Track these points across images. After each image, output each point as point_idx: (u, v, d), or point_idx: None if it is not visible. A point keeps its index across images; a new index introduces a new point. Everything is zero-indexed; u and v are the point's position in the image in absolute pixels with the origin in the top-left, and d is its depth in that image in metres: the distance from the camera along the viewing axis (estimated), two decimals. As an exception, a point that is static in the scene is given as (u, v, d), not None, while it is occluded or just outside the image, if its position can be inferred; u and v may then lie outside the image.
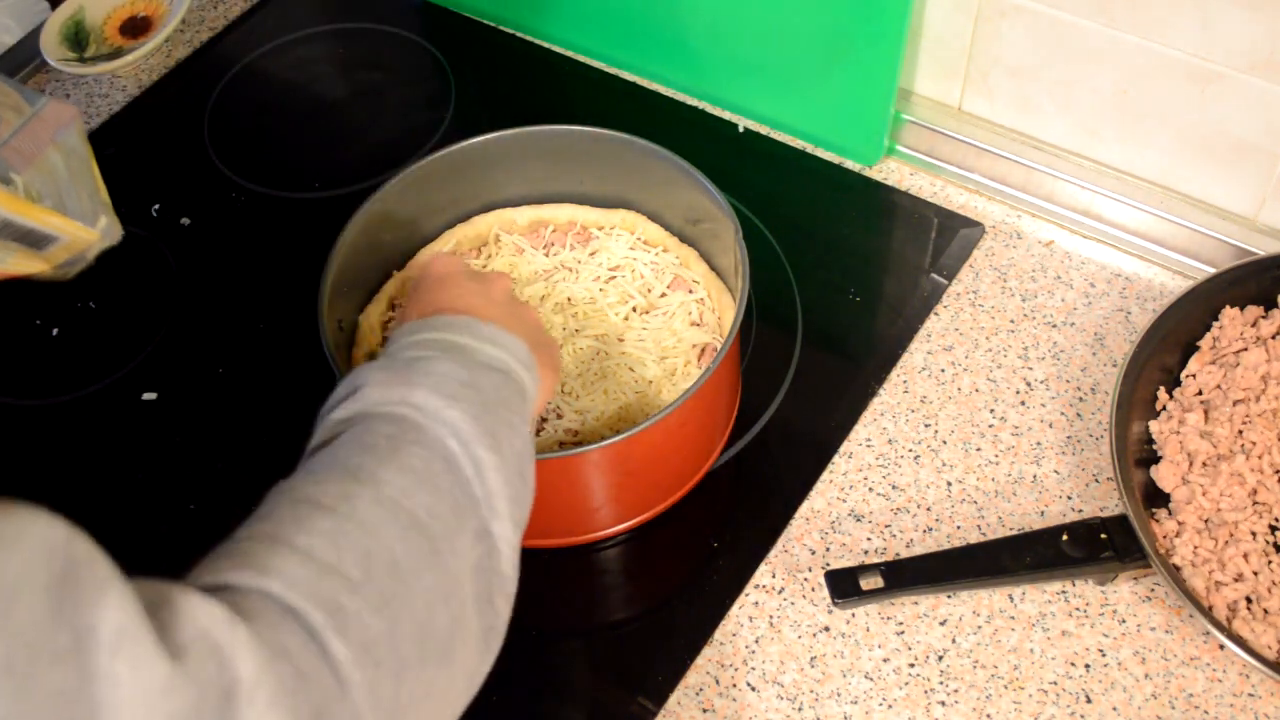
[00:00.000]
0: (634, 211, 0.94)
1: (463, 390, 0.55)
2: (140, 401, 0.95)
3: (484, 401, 0.55)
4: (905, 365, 0.93)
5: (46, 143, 0.63)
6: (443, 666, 0.48)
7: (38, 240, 0.62)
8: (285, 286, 1.01)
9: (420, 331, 0.60)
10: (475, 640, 0.51)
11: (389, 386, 0.55)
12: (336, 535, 0.47)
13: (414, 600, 0.47)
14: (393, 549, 0.48)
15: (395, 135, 1.14)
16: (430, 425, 0.53)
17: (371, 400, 0.55)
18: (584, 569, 0.86)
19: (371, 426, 0.53)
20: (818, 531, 0.84)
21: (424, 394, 0.54)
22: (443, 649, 0.48)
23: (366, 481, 0.50)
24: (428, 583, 0.48)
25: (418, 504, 0.50)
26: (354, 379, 0.57)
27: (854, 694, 0.77)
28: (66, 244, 0.64)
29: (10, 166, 0.61)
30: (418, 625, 0.47)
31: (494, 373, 0.58)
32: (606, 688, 0.80)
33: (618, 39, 1.14)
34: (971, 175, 1.03)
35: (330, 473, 0.51)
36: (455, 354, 0.58)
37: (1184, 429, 0.82)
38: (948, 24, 0.97)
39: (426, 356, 0.58)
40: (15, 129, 0.62)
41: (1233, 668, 0.77)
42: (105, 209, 0.67)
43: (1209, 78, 0.87)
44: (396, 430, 0.53)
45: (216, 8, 1.27)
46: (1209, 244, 0.95)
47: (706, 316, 0.89)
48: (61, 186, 0.64)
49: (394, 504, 0.50)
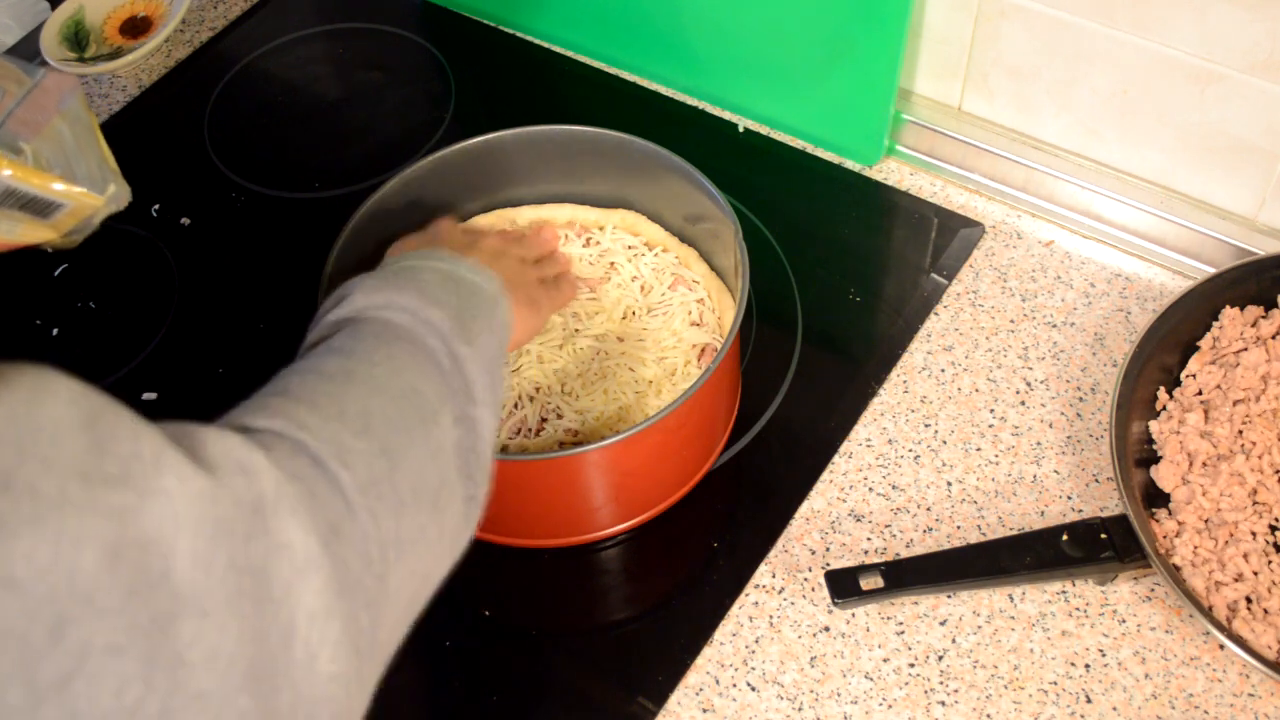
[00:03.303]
0: (634, 211, 0.94)
1: (443, 294, 0.62)
2: (140, 401, 0.95)
3: (460, 306, 0.62)
4: (905, 365, 0.93)
5: (52, 112, 0.64)
6: (434, 514, 0.53)
7: (44, 208, 0.63)
8: (285, 286, 1.01)
9: (407, 259, 0.67)
10: (459, 502, 0.56)
11: (377, 292, 0.61)
12: (339, 394, 0.53)
13: (409, 451, 0.53)
14: (387, 409, 0.54)
15: (395, 135, 1.14)
16: (414, 325, 0.59)
17: (359, 305, 0.61)
18: (584, 569, 0.86)
19: (360, 328, 0.60)
20: (818, 531, 0.84)
21: (408, 297, 0.60)
22: (434, 497, 0.53)
23: (362, 360, 0.57)
24: (418, 439, 0.54)
25: (406, 381, 0.56)
26: (344, 287, 0.63)
27: (854, 694, 0.77)
28: (72, 210, 0.64)
29: (18, 136, 0.61)
30: (413, 472, 0.52)
31: (467, 286, 0.65)
32: (606, 688, 0.80)
33: (618, 39, 1.14)
34: (971, 175, 1.03)
35: (329, 355, 0.58)
36: (435, 270, 0.65)
37: (1184, 429, 0.82)
38: (948, 24, 0.97)
39: (411, 268, 0.65)
40: (19, 99, 0.63)
41: (1233, 668, 0.77)
42: (114, 175, 0.68)
43: (1209, 78, 0.87)
44: (384, 330, 0.59)
45: (216, 8, 1.27)
46: (1209, 244, 0.95)
47: (706, 316, 0.89)
48: (69, 154, 0.64)
49: (386, 379, 0.56)
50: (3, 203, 0.60)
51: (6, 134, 0.61)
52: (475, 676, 0.81)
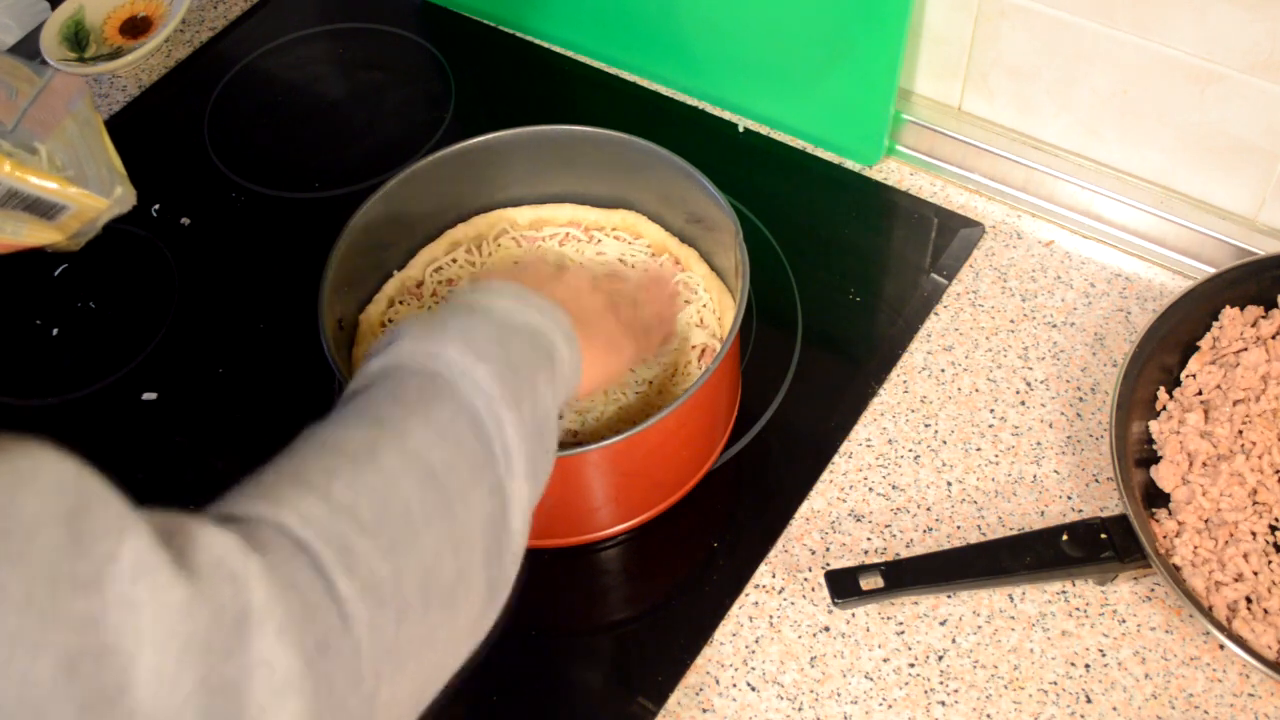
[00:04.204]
0: (634, 211, 0.94)
1: (493, 346, 0.57)
2: (140, 401, 0.95)
3: (510, 362, 0.58)
4: (905, 365, 0.93)
5: (62, 113, 0.64)
6: (446, 613, 0.50)
7: (48, 210, 0.63)
8: (285, 286, 1.01)
9: (468, 294, 0.63)
10: (480, 591, 0.53)
11: (424, 340, 0.57)
12: (355, 480, 0.49)
13: (422, 548, 0.49)
14: (408, 498, 0.50)
15: (395, 135, 1.14)
16: (458, 381, 0.55)
17: (406, 352, 0.57)
18: (584, 569, 0.86)
19: (403, 379, 0.56)
20: (818, 531, 0.84)
21: (455, 350, 0.56)
22: (447, 596, 0.50)
23: (392, 432, 0.52)
24: (438, 532, 0.50)
25: (437, 457, 0.52)
26: (394, 330, 0.59)
27: (854, 694, 0.77)
28: (78, 212, 0.64)
29: (33, 135, 0.62)
30: (424, 571, 0.49)
31: (524, 335, 0.60)
32: (606, 688, 0.80)
33: (618, 39, 1.14)
34: (971, 175, 1.03)
35: (360, 420, 0.54)
36: (489, 314, 0.60)
37: (1184, 429, 0.82)
38: (948, 24, 0.97)
39: (464, 314, 0.60)
40: (31, 98, 0.63)
41: (1233, 668, 0.77)
42: (120, 178, 0.68)
43: (1209, 78, 0.87)
44: (427, 384, 0.55)
45: (216, 8, 1.27)
46: (1209, 244, 0.95)
47: (706, 317, 0.89)
48: (80, 155, 0.65)
49: (415, 455, 0.52)
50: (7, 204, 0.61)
51: (23, 132, 0.62)
52: (475, 676, 0.81)
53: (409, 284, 0.92)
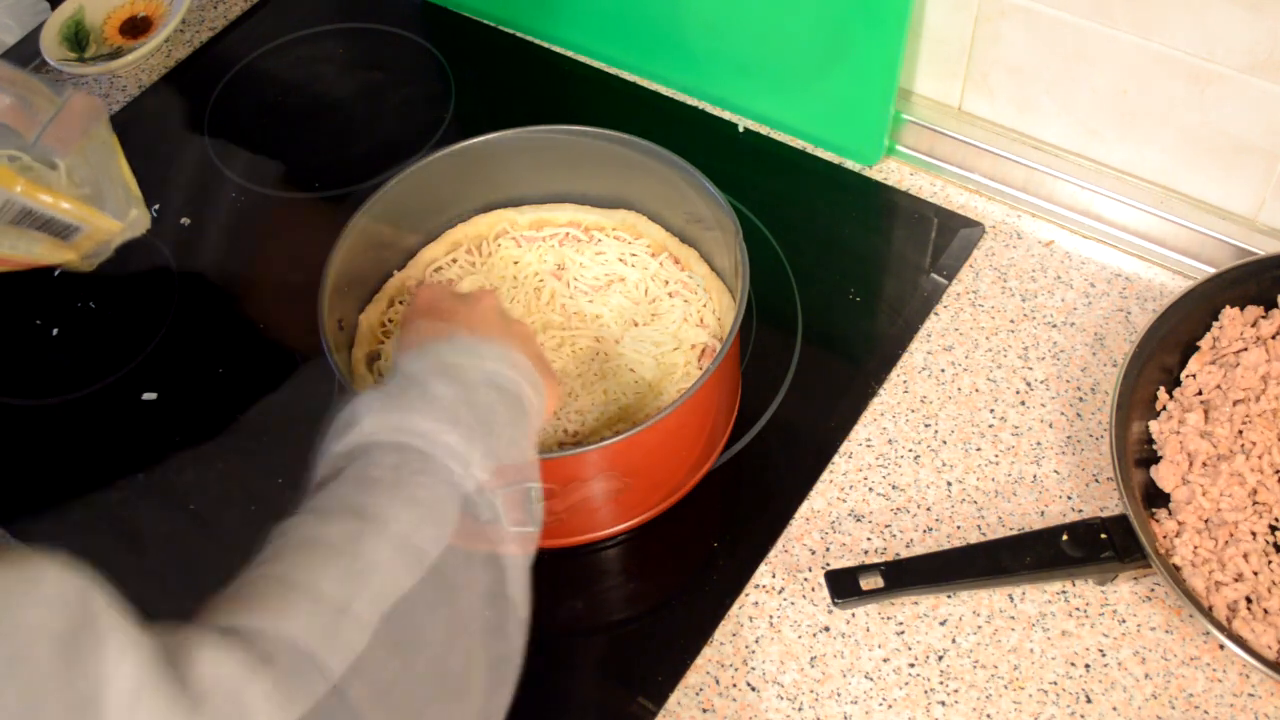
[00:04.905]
0: (634, 211, 0.94)
1: (460, 410, 0.55)
2: (140, 401, 0.95)
3: (483, 420, 0.55)
4: (905, 365, 0.93)
5: (79, 132, 0.64)
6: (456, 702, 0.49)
7: (63, 230, 0.63)
8: (285, 286, 1.01)
9: (416, 360, 0.59)
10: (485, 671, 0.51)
11: (386, 414, 0.54)
12: (346, 577, 0.47)
13: (427, 638, 0.47)
14: (402, 587, 0.48)
15: (395, 135, 1.14)
16: (432, 451, 0.53)
17: (370, 430, 0.54)
18: (584, 569, 0.86)
19: (374, 458, 0.53)
20: (818, 531, 0.84)
21: (422, 419, 0.54)
22: (457, 685, 0.49)
23: (373, 520, 0.50)
24: (440, 618, 0.48)
25: (425, 538, 0.50)
26: (351, 410, 0.56)
27: (854, 694, 0.77)
28: (90, 233, 0.64)
29: (53, 151, 0.62)
30: (432, 662, 0.47)
31: (490, 389, 0.58)
32: (606, 688, 0.80)
33: (618, 39, 1.14)
34: (971, 175, 1.03)
35: (336, 512, 0.51)
36: (450, 375, 0.57)
37: (1184, 429, 0.82)
38: (948, 24, 0.97)
39: (422, 381, 0.57)
40: (51, 116, 0.63)
41: (1233, 668, 0.77)
42: (136, 200, 0.68)
43: (1209, 78, 0.87)
44: (400, 459, 0.53)
45: (216, 8, 1.27)
46: (1209, 244, 0.95)
47: (706, 317, 0.89)
48: (98, 176, 0.65)
49: (402, 540, 0.49)
50: (21, 222, 0.61)
51: (43, 148, 0.62)
52: (475, 676, 0.81)
53: (409, 284, 0.92)
